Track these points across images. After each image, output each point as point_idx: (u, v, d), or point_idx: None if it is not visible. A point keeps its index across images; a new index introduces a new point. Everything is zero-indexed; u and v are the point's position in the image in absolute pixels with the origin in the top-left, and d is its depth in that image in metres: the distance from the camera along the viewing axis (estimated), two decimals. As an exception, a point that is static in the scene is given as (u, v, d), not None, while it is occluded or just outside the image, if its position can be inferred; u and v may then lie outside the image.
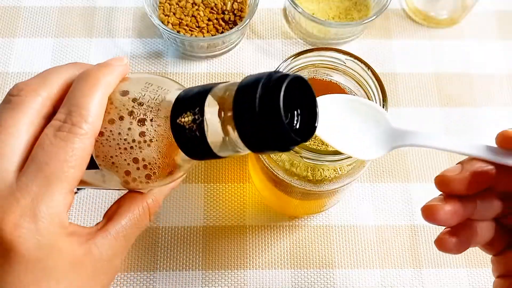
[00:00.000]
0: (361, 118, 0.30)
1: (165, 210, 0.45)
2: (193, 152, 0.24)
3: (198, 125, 0.22)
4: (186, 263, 0.43)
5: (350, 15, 0.52)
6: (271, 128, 0.20)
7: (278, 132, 0.20)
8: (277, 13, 0.55)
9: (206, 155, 0.23)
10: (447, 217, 0.25)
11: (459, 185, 0.25)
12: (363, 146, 0.29)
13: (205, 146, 0.23)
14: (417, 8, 0.55)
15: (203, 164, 0.47)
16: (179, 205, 0.45)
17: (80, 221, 0.44)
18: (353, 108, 0.30)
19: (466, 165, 0.26)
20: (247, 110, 0.20)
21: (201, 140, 0.22)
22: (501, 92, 0.52)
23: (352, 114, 0.30)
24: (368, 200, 0.46)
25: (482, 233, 0.27)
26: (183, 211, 0.45)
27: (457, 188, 0.25)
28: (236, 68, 0.52)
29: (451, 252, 0.27)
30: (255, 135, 0.21)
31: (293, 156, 0.33)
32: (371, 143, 0.29)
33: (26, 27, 0.52)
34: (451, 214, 0.25)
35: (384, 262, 0.44)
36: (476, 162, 0.26)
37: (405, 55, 0.53)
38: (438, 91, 0.52)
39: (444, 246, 0.26)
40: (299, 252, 0.44)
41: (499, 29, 0.55)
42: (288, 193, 0.40)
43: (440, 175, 0.26)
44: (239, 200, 0.46)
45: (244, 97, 0.20)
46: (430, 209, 0.26)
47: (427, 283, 0.43)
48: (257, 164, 0.41)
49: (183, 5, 0.51)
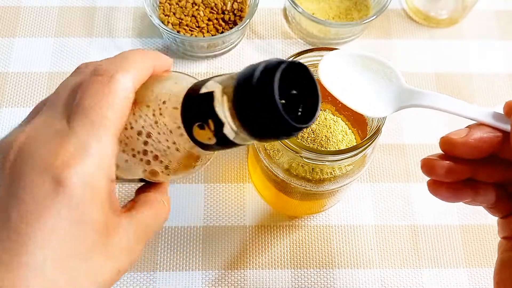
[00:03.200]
0: (372, 75, 0.30)
1: (165, 210, 0.45)
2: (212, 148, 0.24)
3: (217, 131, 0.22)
4: (186, 263, 0.43)
5: (350, 15, 0.52)
6: (267, 108, 0.20)
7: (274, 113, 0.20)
8: (277, 13, 0.55)
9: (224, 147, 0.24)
10: (444, 171, 0.26)
11: (462, 148, 0.25)
12: (373, 103, 0.29)
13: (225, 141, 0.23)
14: (417, 8, 0.55)
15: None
16: (179, 205, 0.45)
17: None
18: (365, 64, 0.30)
19: (473, 129, 0.26)
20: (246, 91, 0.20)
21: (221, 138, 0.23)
22: (501, 92, 0.52)
23: (363, 71, 0.30)
24: (368, 200, 0.46)
25: (485, 194, 0.27)
26: (183, 211, 0.45)
27: (460, 151, 0.26)
28: (236, 68, 0.52)
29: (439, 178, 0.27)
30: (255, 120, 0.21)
31: (293, 156, 0.33)
32: (380, 101, 0.29)
33: (26, 27, 0.52)
34: (449, 169, 0.26)
35: (384, 262, 0.44)
36: (483, 128, 0.26)
37: (405, 55, 0.53)
38: (438, 91, 0.51)
39: (432, 168, 0.26)
40: (299, 252, 0.44)
41: (499, 29, 0.55)
42: (288, 193, 0.40)
43: (445, 136, 0.26)
44: (239, 200, 0.46)
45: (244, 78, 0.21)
46: (430, 162, 0.26)
47: (427, 283, 0.43)
48: (257, 164, 0.41)
49: (183, 5, 0.51)
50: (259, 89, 0.20)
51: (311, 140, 0.36)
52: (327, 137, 0.37)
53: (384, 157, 0.48)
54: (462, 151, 0.26)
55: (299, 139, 0.37)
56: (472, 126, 0.26)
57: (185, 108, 0.23)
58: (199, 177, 0.46)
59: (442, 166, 0.26)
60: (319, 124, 0.38)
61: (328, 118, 0.39)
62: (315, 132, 0.37)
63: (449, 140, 0.26)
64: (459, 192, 0.27)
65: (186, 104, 0.23)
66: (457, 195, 0.27)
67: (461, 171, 0.26)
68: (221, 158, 0.47)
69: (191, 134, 0.23)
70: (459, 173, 0.26)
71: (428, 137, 0.49)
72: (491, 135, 0.25)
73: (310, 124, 0.22)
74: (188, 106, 0.23)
